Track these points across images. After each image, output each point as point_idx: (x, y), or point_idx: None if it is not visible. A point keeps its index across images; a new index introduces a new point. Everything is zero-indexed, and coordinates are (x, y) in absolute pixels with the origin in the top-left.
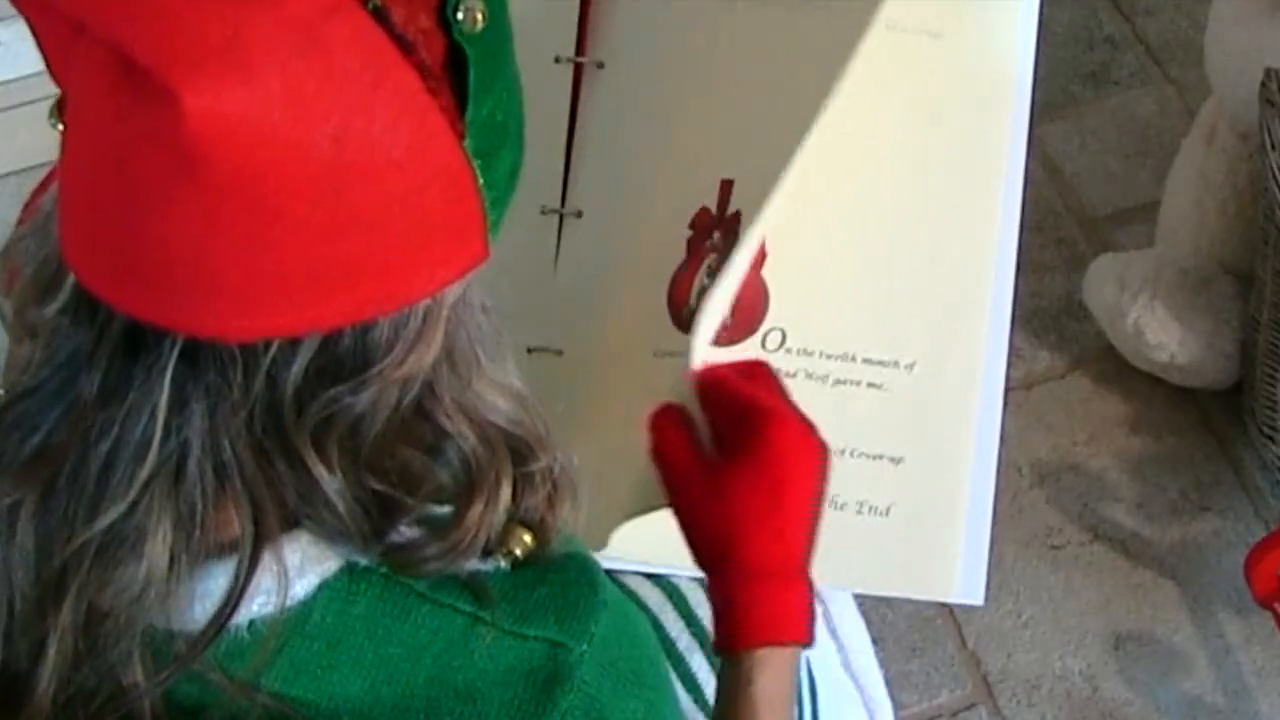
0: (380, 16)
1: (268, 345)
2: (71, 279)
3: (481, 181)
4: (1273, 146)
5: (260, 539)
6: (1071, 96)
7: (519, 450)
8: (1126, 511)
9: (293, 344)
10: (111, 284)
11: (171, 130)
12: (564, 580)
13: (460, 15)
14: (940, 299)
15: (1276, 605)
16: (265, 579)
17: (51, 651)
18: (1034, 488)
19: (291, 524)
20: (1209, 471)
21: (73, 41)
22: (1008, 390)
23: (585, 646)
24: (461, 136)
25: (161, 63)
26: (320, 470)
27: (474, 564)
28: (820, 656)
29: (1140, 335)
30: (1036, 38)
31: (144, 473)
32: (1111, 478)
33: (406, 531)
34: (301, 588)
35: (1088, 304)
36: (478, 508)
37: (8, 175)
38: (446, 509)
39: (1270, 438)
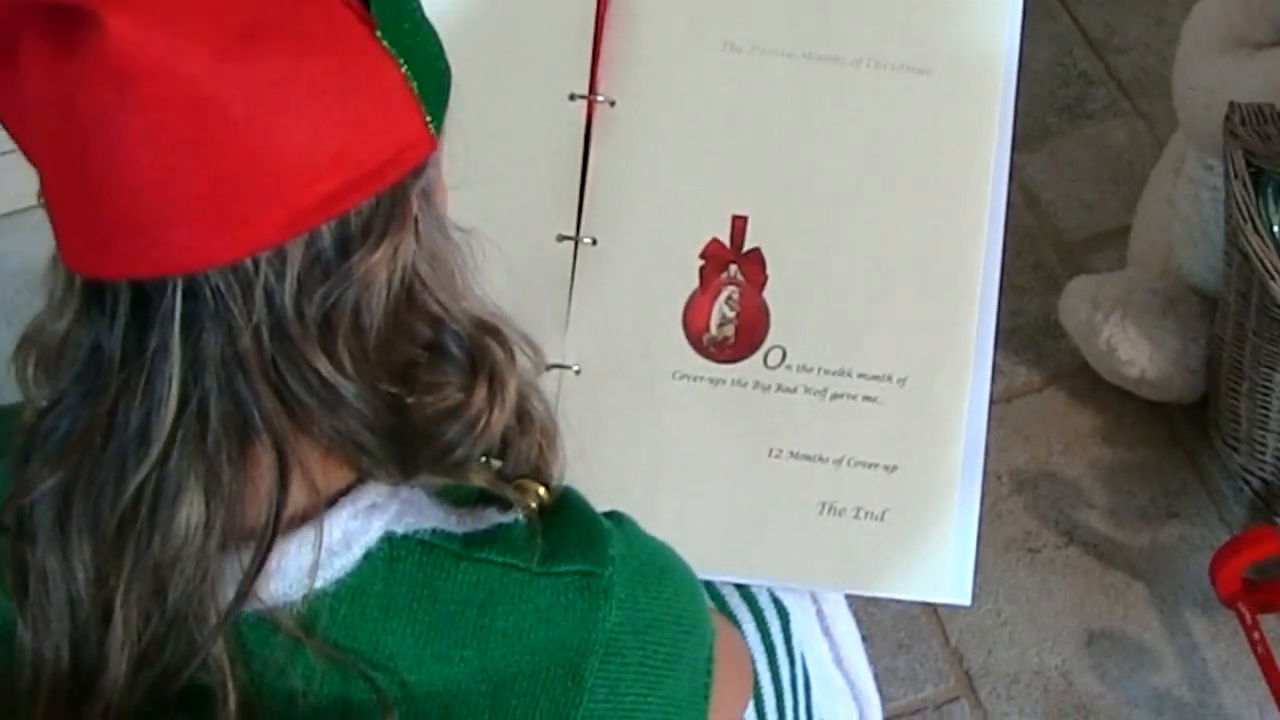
0: None
1: (257, 265)
2: (77, 293)
3: (406, 71)
4: (1235, 175)
5: (286, 471)
6: (1048, 129)
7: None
8: (1099, 517)
9: (279, 256)
10: (101, 255)
11: (101, 50)
12: (573, 518)
13: None
14: (929, 318)
15: (1240, 605)
16: (309, 555)
17: (118, 618)
18: (1013, 495)
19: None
20: (1176, 480)
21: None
22: (989, 404)
23: (611, 569)
24: (374, 29)
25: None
26: (336, 376)
27: (497, 518)
28: (813, 653)
29: (1112, 352)
30: (1016, 75)
31: (169, 416)
32: (1085, 486)
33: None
34: (348, 559)
35: (1063, 323)
36: (482, 389)
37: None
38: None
39: (1234, 448)
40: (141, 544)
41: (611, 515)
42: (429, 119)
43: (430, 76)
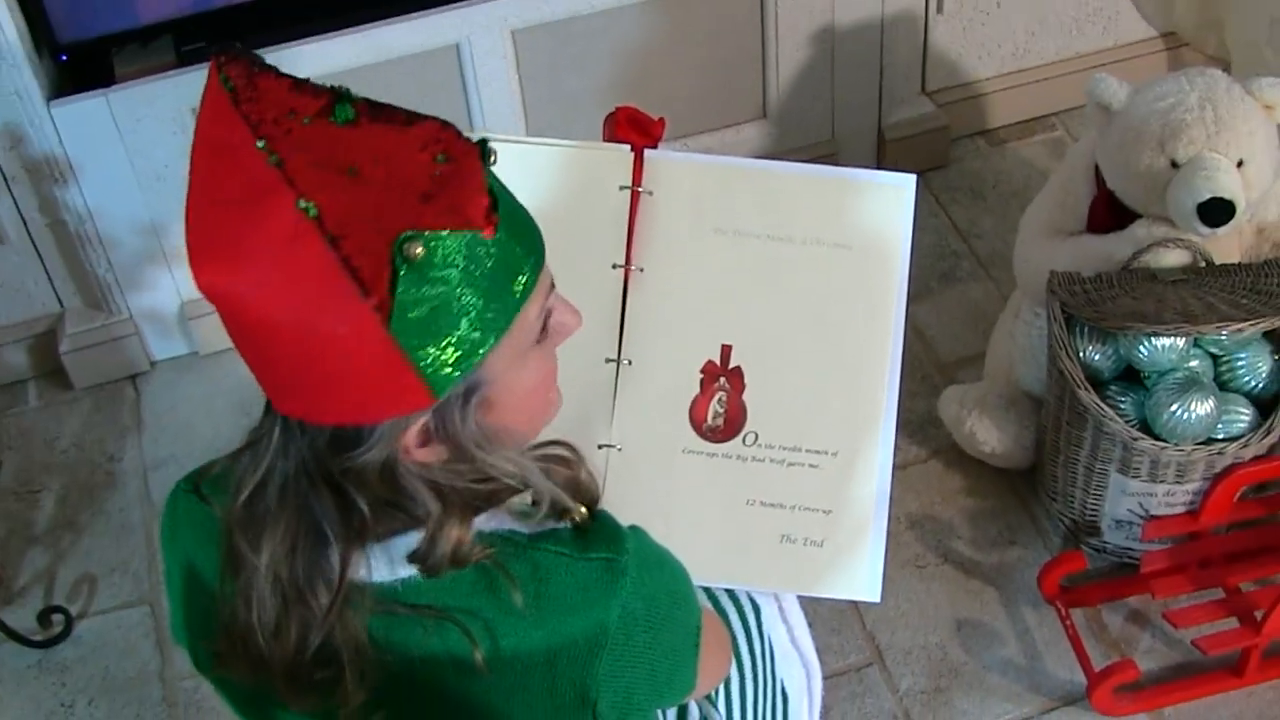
0: (333, 244)
1: (303, 426)
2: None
3: (413, 357)
4: (1054, 319)
5: (347, 532)
6: (930, 288)
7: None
8: (964, 545)
9: (313, 428)
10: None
11: (205, 295)
12: (604, 525)
13: (404, 247)
14: (853, 412)
15: (1057, 603)
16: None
17: (264, 599)
18: (908, 530)
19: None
20: (1015, 520)
21: None
22: (892, 470)
23: (627, 557)
24: (387, 323)
25: (192, 257)
26: (354, 495)
27: (552, 525)
28: (776, 634)
29: (973, 436)
30: (910, 250)
31: (277, 485)
32: (955, 524)
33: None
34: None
35: (941, 416)
36: (437, 511)
37: None
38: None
39: (1053, 499)
40: (262, 558)
41: (631, 527)
42: (430, 382)
43: (447, 350)
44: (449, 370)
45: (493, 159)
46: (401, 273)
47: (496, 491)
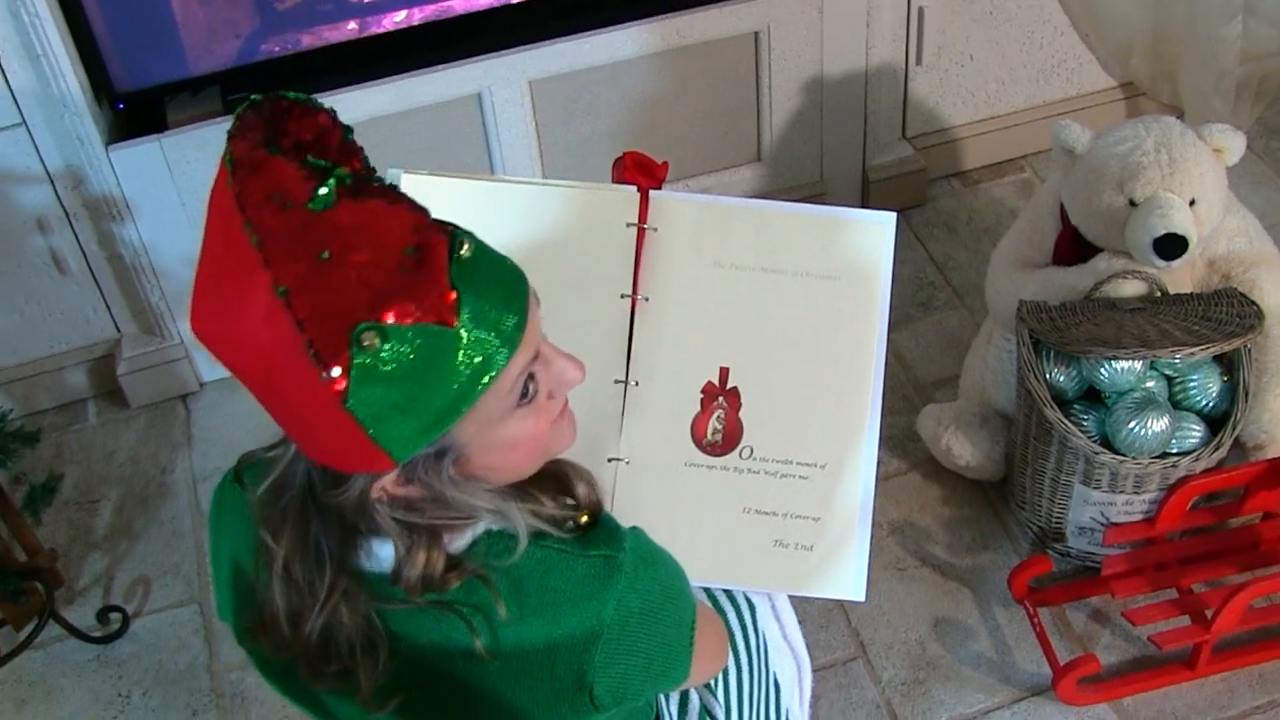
0: (300, 327)
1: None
2: None
3: (370, 430)
4: (1023, 344)
5: (340, 542)
6: (910, 315)
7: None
8: (942, 549)
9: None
10: None
11: (197, 338)
12: (604, 526)
13: (361, 337)
14: (840, 428)
15: (1026, 602)
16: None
17: (281, 587)
18: (890, 536)
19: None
20: (988, 526)
21: None
22: (875, 481)
23: (624, 554)
24: (344, 400)
25: (193, 305)
26: (346, 516)
27: (556, 530)
28: (770, 630)
29: (949, 450)
30: (891, 281)
31: (290, 487)
32: (933, 530)
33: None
34: (462, 543)
35: (919, 432)
36: (407, 540)
37: None
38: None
39: (1022, 508)
40: (280, 551)
41: (631, 528)
42: (389, 451)
43: (406, 424)
44: (409, 442)
45: (464, 249)
46: (357, 360)
47: (474, 521)
